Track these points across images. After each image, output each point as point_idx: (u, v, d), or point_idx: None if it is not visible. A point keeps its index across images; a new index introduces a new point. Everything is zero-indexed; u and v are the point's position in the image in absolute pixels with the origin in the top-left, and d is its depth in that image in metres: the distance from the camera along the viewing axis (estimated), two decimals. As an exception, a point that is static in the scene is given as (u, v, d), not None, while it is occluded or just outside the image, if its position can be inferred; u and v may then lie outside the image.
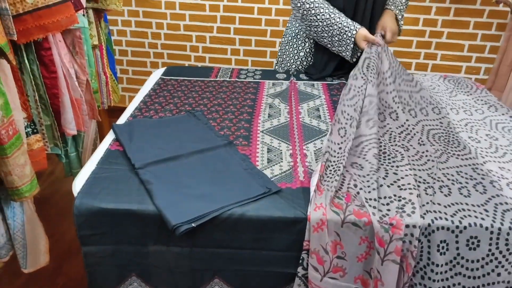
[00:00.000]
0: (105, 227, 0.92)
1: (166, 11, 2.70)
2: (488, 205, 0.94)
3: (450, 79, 1.66)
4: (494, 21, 2.49)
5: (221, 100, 1.43)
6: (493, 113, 1.40)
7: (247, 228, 0.91)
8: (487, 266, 0.89)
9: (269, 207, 0.92)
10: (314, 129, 1.26)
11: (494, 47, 2.54)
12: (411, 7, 2.51)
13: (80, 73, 1.65)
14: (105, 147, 1.14)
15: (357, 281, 0.92)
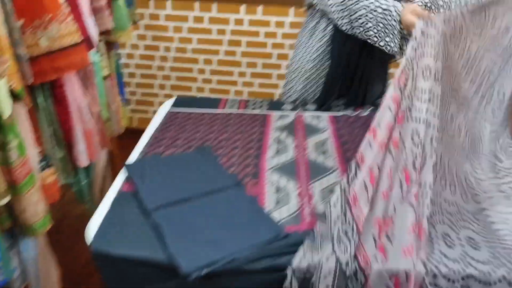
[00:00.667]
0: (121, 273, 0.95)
1: (174, 35, 2.76)
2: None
3: None
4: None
5: (229, 134, 1.46)
6: None
7: (255, 275, 0.93)
8: None
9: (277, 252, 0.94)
10: (320, 167, 1.28)
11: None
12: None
13: (92, 105, 1.70)
14: (117, 188, 1.17)
15: None
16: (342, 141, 1.43)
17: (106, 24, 1.63)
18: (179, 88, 2.93)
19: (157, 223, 1.00)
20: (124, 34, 1.83)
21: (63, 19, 1.28)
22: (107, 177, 2.04)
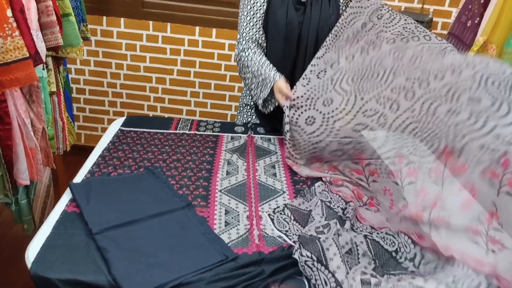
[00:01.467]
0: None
1: (126, 53, 2.72)
2: None
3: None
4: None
5: (180, 155, 1.46)
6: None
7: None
8: None
9: (226, 275, 0.95)
10: (269, 189, 1.31)
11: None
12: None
13: (36, 121, 1.63)
14: (61, 208, 1.13)
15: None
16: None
17: (55, 40, 1.59)
18: (130, 106, 2.88)
19: (101, 246, 0.98)
20: (74, 50, 1.79)
21: (9, 34, 1.24)
22: (50, 197, 1.95)
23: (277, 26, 1.54)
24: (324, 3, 1.55)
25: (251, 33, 1.59)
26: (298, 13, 1.54)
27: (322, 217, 1.16)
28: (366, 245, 1.03)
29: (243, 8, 1.59)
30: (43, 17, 1.52)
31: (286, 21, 1.53)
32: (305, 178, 1.38)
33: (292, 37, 1.55)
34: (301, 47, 1.57)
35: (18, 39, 1.25)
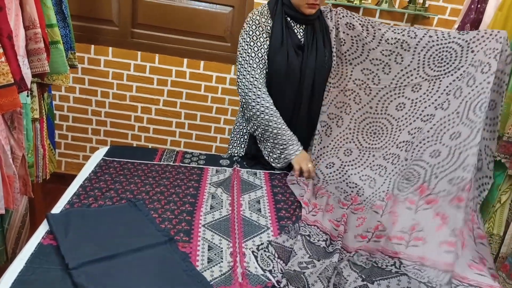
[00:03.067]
0: None
1: (113, 81, 2.72)
2: None
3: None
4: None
5: (164, 188, 1.43)
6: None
7: None
8: None
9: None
10: (253, 224, 1.29)
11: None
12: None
13: (16, 148, 1.59)
14: (36, 240, 1.08)
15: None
16: (276, 199, 1.46)
17: (42, 67, 1.58)
18: (114, 135, 2.85)
19: (77, 282, 0.93)
20: (60, 77, 1.78)
21: (-5, 59, 1.23)
22: (25, 227, 1.88)
23: (279, 70, 1.59)
24: (319, 45, 1.61)
25: (260, 71, 1.59)
26: (298, 57, 1.60)
27: (304, 252, 1.15)
28: (349, 267, 1.13)
29: (245, 45, 1.59)
30: (31, 44, 1.51)
31: (287, 65, 1.58)
32: (290, 214, 1.37)
33: (293, 80, 1.61)
34: (302, 89, 1.62)
35: (3, 65, 1.23)
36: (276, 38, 1.57)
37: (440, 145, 1.39)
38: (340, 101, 1.67)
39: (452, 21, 2.45)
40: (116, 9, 2.58)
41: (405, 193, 1.39)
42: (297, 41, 1.60)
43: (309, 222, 1.30)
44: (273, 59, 1.58)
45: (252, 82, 1.58)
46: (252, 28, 1.58)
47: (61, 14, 1.86)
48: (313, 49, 1.60)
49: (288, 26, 1.59)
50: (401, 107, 1.60)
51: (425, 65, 1.56)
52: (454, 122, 1.40)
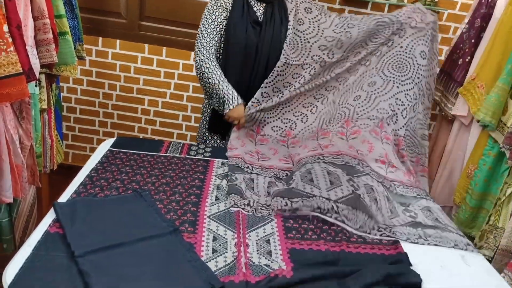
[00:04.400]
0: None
1: (120, 74, 2.73)
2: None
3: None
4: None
5: (170, 179, 1.44)
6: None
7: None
8: None
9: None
10: (257, 216, 1.29)
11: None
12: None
13: (25, 138, 1.61)
14: (43, 228, 1.09)
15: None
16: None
17: (50, 57, 1.58)
18: (121, 127, 2.87)
19: (83, 270, 0.94)
20: (68, 68, 1.79)
21: (4, 48, 1.23)
22: (33, 216, 1.90)
23: (237, 43, 1.70)
24: (276, 23, 1.72)
25: (211, 45, 1.72)
26: (255, 32, 1.69)
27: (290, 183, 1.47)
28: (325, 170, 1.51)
29: (204, 20, 1.73)
30: (40, 34, 1.52)
31: (245, 38, 1.69)
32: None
33: (249, 56, 1.72)
34: (256, 65, 1.74)
35: (12, 54, 1.24)
36: (236, 13, 1.69)
37: (361, 91, 1.86)
38: (296, 72, 1.78)
39: (462, 16, 2.43)
40: (124, 1, 2.58)
41: (335, 127, 1.82)
42: (255, 17, 1.72)
43: (265, 166, 1.62)
44: (232, 33, 1.69)
45: (206, 55, 1.70)
46: (212, 5, 1.72)
47: (70, 5, 1.87)
48: (270, 26, 1.71)
49: (248, 3, 1.72)
50: (341, 67, 1.85)
51: (367, 39, 1.83)
52: (372, 74, 1.86)
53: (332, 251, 1.16)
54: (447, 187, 2.11)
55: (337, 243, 1.20)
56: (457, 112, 2.02)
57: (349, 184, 1.42)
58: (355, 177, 1.49)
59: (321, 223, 1.29)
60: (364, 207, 1.32)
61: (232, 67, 1.73)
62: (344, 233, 1.26)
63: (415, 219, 1.41)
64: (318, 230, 1.25)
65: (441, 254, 1.22)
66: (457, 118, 2.07)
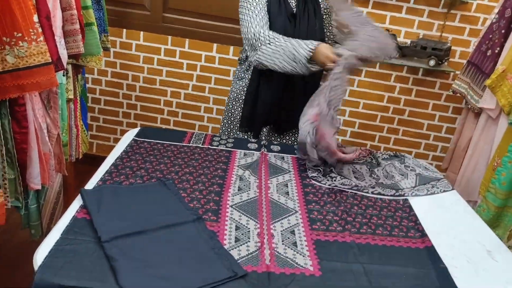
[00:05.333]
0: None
1: (143, 65, 2.76)
2: None
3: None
4: (450, 104, 2.70)
5: (193, 169, 1.45)
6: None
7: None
8: None
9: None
10: (281, 207, 1.29)
11: (450, 128, 2.74)
12: (377, 84, 2.68)
13: (52, 127, 1.64)
14: (71, 214, 1.12)
15: None
16: (304, 183, 1.46)
17: (77, 48, 1.61)
18: (144, 118, 2.91)
19: (109, 255, 0.96)
20: (94, 59, 1.82)
21: (34, 38, 1.26)
22: (59, 204, 1.95)
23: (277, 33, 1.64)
24: (310, 15, 1.69)
25: (263, 22, 1.62)
26: (291, 25, 1.67)
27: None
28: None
29: (247, 4, 1.63)
30: (67, 25, 1.55)
31: (284, 32, 1.63)
32: (318, 199, 1.36)
33: None
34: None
35: (42, 44, 1.27)
36: (274, 5, 1.65)
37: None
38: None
39: (491, 6, 2.35)
40: (148, -7, 2.60)
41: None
42: (290, 9, 1.68)
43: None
44: (273, 25, 1.64)
45: (262, 27, 1.60)
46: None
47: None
48: (305, 18, 1.68)
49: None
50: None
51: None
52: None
53: (358, 243, 1.15)
54: (473, 181, 2.06)
55: (362, 235, 1.19)
56: (485, 105, 1.97)
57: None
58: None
59: (345, 214, 1.28)
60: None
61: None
62: (369, 226, 1.24)
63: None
64: (343, 222, 1.25)
65: (466, 249, 1.20)
66: (484, 111, 2.01)
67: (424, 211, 1.37)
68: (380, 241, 1.18)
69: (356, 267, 1.05)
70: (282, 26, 1.64)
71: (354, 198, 1.39)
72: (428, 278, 1.05)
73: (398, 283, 1.02)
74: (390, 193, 1.46)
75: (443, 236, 1.23)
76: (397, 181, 1.55)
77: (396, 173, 1.62)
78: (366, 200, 1.39)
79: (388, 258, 1.11)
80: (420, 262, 1.11)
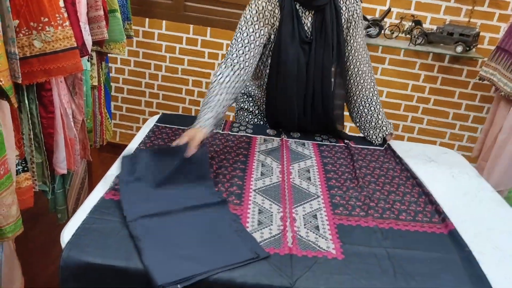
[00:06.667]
0: (91, 283, 0.91)
1: (166, 54, 2.78)
2: None
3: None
4: (478, 93, 2.62)
5: (214, 154, 1.46)
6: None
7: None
8: None
9: (256, 273, 0.93)
10: (303, 192, 1.29)
11: (477, 117, 2.66)
12: (401, 72, 2.63)
13: (77, 113, 1.67)
14: (99, 195, 1.14)
15: None
16: (326, 169, 1.44)
17: (101, 34, 1.63)
18: (166, 107, 2.93)
19: (134, 235, 0.98)
20: (117, 46, 1.84)
21: (60, 23, 1.28)
22: (84, 189, 1.99)
23: (289, 65, 1.51)
24: (327, 38, 1.52)
25: (242, 58, 1.47)
26: (305, 53, 1.53)
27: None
28: None
29: (238, 31, 1.51)
30: (91, 12, 1.57)
31: (297, 63, 1.52)
32: (340, 184, 1.35)
33: (301, 78, 1.55)
34: (309, 86, 1.57)
35: (68, 29, 1.29)
36: (286, 31, 1.47)
37: None
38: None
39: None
40: (170, -18, 2.61)
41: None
42: (304, 35, 1.51)
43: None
44: (284, 57, 1.49)
45: (228, 62, 1.48)
46: (252, 15, 1.47)
47: (119, -16, 1.91)
48: (321, 44, 1.52)
49: (297, 16, 1.48)
50: None
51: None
52: None
53: (381, 227, 1.14)
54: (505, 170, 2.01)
55: (385, 220, 1.17)
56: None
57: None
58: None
59: (368, 199, 1.27)
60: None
61: (287, 90, 1.57)
62: (392, 211, 1.23)
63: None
64: (366, 207, 1.23)
65: (493, 235, 1.17)
66: (517, 97, 1.95)
67: (449, 198, 1.34)
68: (404, 226, 1.16)
69: (380, 251, 1.04)
70: (296, 56, 1.50)
71: (376, 184, 1.37)
72: (453, 263, 1.03)
73: (422, 268, 1.00)
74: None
75: (468, 222, 1.20)
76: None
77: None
78: (388, 186, 1.37)
79: (412, 243, 1.09)
80: (444, 247, 1.09)
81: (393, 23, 2.50)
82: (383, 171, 1.46)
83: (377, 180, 1.40)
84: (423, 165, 1.54)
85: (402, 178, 1.43)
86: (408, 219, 1.20)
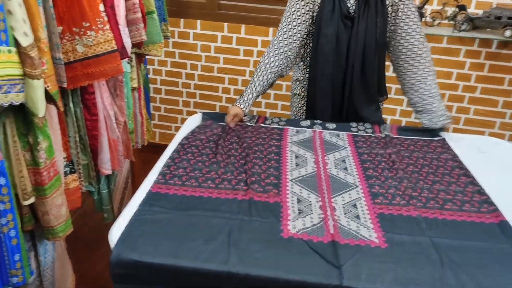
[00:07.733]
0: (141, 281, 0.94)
1: (201, 54, 2.80)
2: None
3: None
4: (529, 78, 2.47)
5: (248, 145, 1.46)
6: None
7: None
8: None
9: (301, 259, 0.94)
10: (341, 182, 1.27)
11: (530, 104, 2.52)
12: (444, 61, 2.52)
13: (119, 114, 1.72)
14: (146, 189, 1.18)
15: None
16: (362, 159, 1.42)
17: (140, 36, 1.67)
18: (203, 106, 2.96)
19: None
20: (155, 47, 1.87)
21: (101, 27, 1.31)
22: (128, 188, 2.04)
23: (327, 42, 1.55)
24: (370, 15, 1.52)
25: (280, 39, 1.62)
26: (347, 28, 1.54)
27: None
28: None
29: (284, 13, 1.63)
30: (130, 14, 1.60)
31: (336, 37, 1.54)
32: (378, 174, 1.32)
33: (341, 54, 1.56)
34: (349, 62, 1.57)
35: (108, 32, 1.32)
36: (327, 7, 1.53)
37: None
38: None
39: None
40: (203, -18, 2.63)
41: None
42: (346, 10, 1.54)
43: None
44: (322, 31, 1.55)
45: (268, 51, 1.63)
46: (294, 1, 1.59)
47: (155, -13, 1.94)
48: (364, 20, 1.52)
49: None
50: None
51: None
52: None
53: (424, 216, 1.10)
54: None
55: (429, 209, 1.13)
56: None
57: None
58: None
59: (410, 189, 1.23)
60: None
61: (323, 68, 1.61)
62: (436, 201, 1.18)
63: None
64: (407, 196, 1.19)
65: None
66: None
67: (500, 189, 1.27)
68: (450, 216, 1.12)
69: (424, 240, 1.01)
70: (334, 33, 1.54)
71: (419, 174, 1.32)
72: (503, 253, 0.98)
73: (471, 258, 0.96)
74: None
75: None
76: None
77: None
78: (432, 176, 1.32)
79: (459, 233, 1.05)
80: (494, 237, 1.04)
81: (435, 10, 2.40)
82: (427, 161, 1.41)
83: (420, 170, 1.35)
84: (472, 156, 1.47)
85: (447, 168, 1.37)
86: (454, 209, 1.15)
